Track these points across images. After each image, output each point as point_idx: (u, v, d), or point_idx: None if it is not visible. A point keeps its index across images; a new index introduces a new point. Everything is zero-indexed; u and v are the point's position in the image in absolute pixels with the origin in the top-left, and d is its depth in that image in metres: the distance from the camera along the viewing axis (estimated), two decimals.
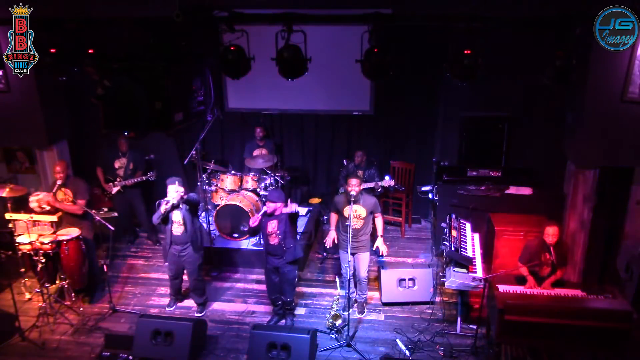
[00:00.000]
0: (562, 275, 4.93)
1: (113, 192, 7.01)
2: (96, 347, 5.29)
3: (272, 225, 5.25)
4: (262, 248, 6.62)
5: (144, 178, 6.97)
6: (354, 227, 5.43)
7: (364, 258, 5.66)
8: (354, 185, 5.29)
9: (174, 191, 5.36)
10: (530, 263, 4.90)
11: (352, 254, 5.56)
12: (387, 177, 6.54)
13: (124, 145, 7.01)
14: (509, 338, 4.65)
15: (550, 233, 4.77)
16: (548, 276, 4.89)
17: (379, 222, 5.61)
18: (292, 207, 5.25)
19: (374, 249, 5.64)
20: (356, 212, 5.43)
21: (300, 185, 8.39)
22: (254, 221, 5.31)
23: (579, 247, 6.13)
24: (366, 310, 5.93)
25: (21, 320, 5.49)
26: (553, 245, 4.79)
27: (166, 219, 5.50)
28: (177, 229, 5.49)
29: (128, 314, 5.89)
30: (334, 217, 5.68)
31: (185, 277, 5.88)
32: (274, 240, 5.28)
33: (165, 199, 5.37)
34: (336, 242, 5.65)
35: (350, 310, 5.51)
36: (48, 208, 5.78)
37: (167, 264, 5.77)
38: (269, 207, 5.20)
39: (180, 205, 5.43)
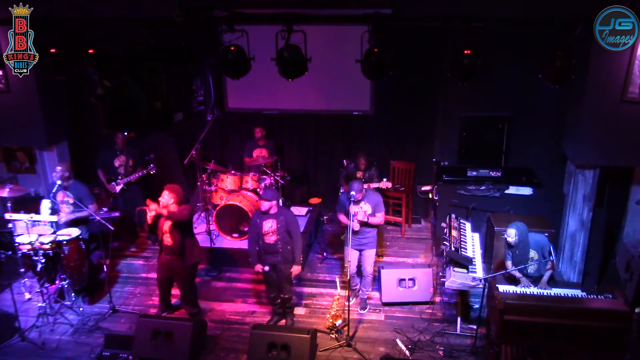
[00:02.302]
0: (552, 267, 4.90)
1: (117, 191, 7.01)
2: (96, 347, 5.29)
3: (269, 225, 5.25)
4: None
5: (145, 172, 6.96)
6: (361, 219, 5.52)
7: (370, 255, 5.74)
8: (357, 191, 5.33)
9: (163, 198, 5.21)
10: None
11: (359, 251, 5.66)
12: (384, 180, 6.56)
13: (120, 143, 7.01)
14: (509, 338, 4.65)
15: (508, 234, 4.83)
16: (542, 275, 4.88)
17: (377, 218, 5.58)
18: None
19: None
20: (362, 209, 5.50)
21: (300, 185, 8.39)
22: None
23: (579, 247, 6.14)
24: (368, 306, 5.95)
25: (21, 320, 5.49)
26: (515, 245, 4.83)
27: (154, 227, 5.36)
28: (167, 239, 5.34)
29: (128, 314, 5.89)
30: (344, 217, 5.69)
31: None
32: (270, 239, 5.28)
33: (152, 205, 5.23)
34: (357, 228, 5.57)
35: (351, 303, 5.49)
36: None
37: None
38: (264, 205, 5.19)
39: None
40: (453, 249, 5.30)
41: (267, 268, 5.44)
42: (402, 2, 5.14)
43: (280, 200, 7.15)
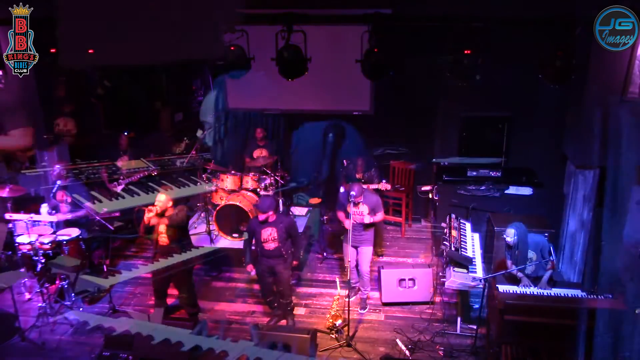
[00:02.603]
0: (553, 267, 4.90)
1: (119, 191, 7.00)
2: (96, 347, 5.29)
3: (268, 232, 5.25)
4: None
5: (146, 173, 6.96)
6: (359, 221, 5.55)
7: (366, 252, 5.76)
8: (357, 194, 5.37)
9: (161, 200, 5.14)
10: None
11: (355, 247, 5.70)
12: (383, 181, 6.57)
13: (124, 143, 7.01)
14: (509, 338, 4.65)
15: (507, 234, 4.84)
16: (542, 275, 4.88)
17: (376, 216, 5.63)
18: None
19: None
20: (358, 209, 5.54)
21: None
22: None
23: (579, 247, 6.14)
24: (368, 306, 5.96)
25: (21, 320, 5.49)
26: (514, 245, 4.82)
27: (150, 229, 5.30)
28: (163, 239, 5.28)
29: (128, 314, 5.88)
30: (342, 215, 5.72)
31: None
32: (269, 246, 5.28)
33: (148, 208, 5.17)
34: (349, 227, 5.60)
35: (352, 299, 5.48)
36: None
37: None
38: (261, 216, 5.21)
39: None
40: (453, 249, 5.30)
41: (253, 273, 5.48)
42: (402, 2, 5.13)
43: (280, 200, 7.16)
